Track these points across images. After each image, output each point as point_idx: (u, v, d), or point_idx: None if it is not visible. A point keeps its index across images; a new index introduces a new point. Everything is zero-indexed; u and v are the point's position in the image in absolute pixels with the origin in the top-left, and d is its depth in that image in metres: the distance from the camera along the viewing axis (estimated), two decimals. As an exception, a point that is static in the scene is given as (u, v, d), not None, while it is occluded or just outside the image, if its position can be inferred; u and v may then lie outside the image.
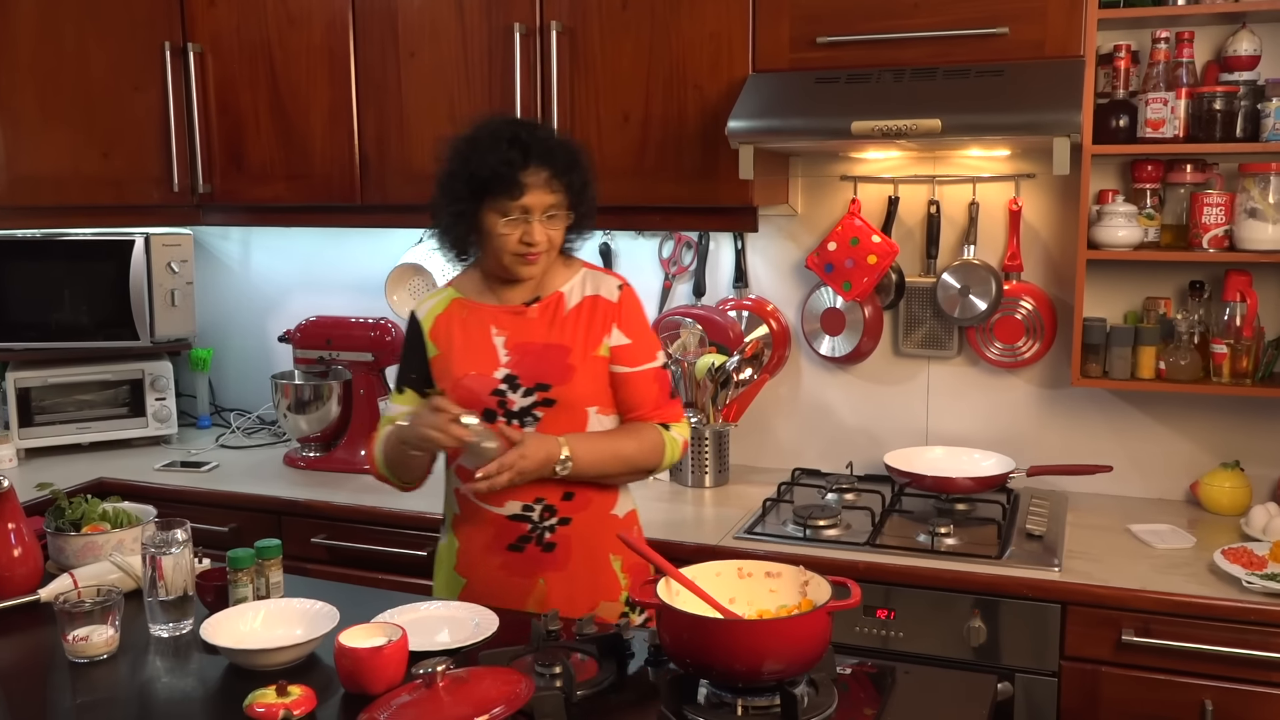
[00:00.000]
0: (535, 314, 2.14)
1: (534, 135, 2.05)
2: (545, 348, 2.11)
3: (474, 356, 2.12)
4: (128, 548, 2.15)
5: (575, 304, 2.15)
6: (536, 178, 2.02)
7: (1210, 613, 2.20)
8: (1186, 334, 2.65)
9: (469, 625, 1.92)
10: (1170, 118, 2.53)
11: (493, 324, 2.14)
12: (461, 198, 2.05)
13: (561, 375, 2.10)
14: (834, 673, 1.71)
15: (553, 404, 2.09)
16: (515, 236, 2.05)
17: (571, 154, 2.09)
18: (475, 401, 2.07)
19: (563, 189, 2.06)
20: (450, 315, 2.17)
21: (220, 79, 3.21)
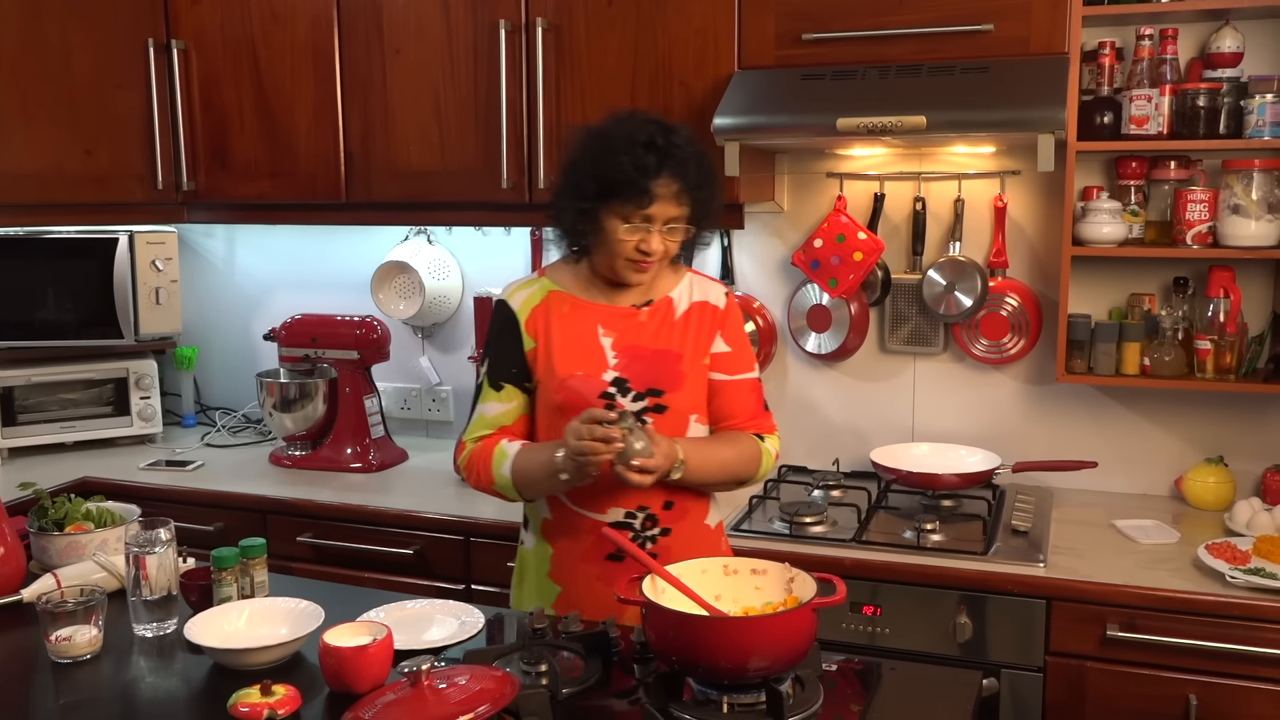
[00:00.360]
0: (646, 317, 2.09)
1: (670, 142, 1.96)
2: (656, 353, 2.07)
3: (579, 355, 2.05)
4: (111, 547, 2.14)
5: (684, 310, 2.11)
6: (667, 189, 1.95)
7: (1194, 608, 2.21)
8: (1171, 330, 2.66)
9: (454, 623, 1.92)
10: (1154, 114, 2.54)
11: (600, 323, 2.07)
12: (587, 195, 1.98)
13: (674, 381, 2.07)
14: (820, 669, 1.71)
15: (663, 410, 2.05)
16: (633, 243, 1.98)
17: (706, 168, 2.01)
18: (581, 403, 2.01)
19: (690, 203, 1.99)
20: (548, 308, 2.09)
21: (204, 76, 3.20)
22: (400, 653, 1.72)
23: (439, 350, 3.53)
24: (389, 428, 3.33)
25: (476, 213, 3.04)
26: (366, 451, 3.20)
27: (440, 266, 3.38)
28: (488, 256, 3.40)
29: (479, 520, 2.73)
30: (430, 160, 2.98)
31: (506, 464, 2.04)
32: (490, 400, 2.11)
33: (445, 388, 3.52)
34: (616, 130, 1.99)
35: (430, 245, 3.42)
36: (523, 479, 2.03)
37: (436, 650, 1.80)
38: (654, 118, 2.01)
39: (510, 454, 2.04)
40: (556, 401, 2.04)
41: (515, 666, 1.69)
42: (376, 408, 3.27)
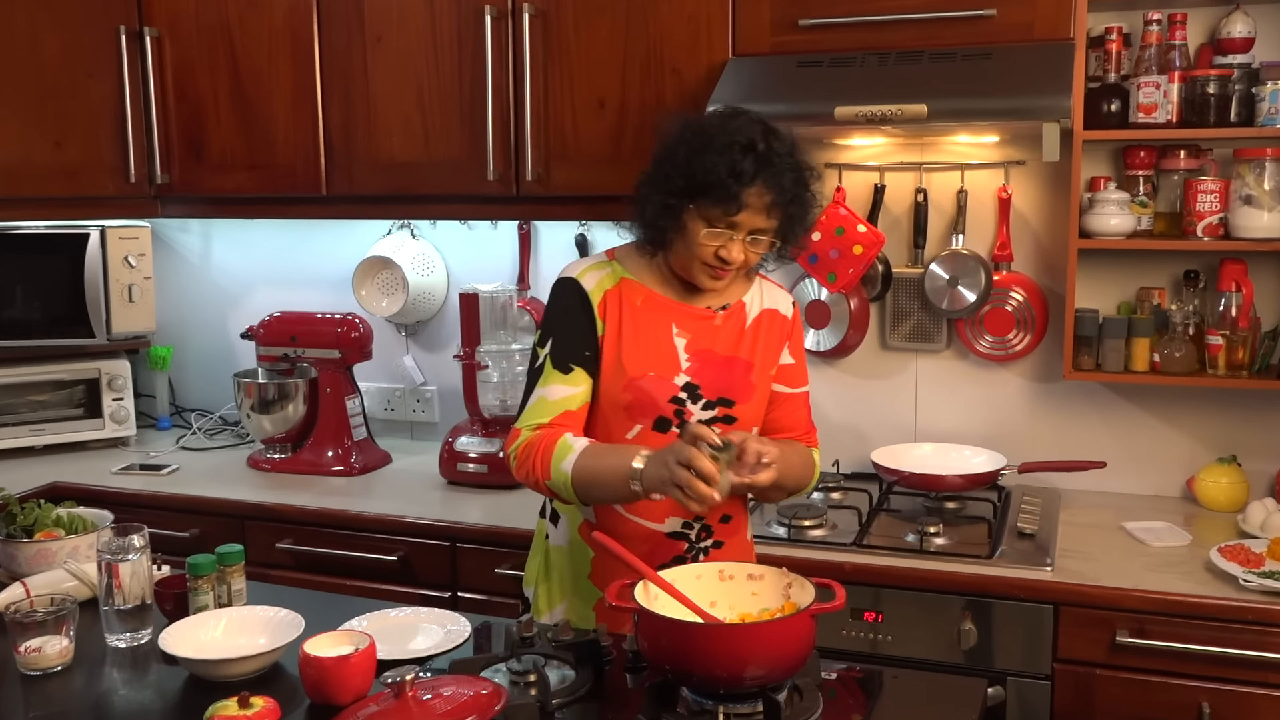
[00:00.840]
0: (721, 321, 2.05)
1: (771, 148, 1.89)
2: (729, 361, 2.03)
3: (652, 354, 2.00)
4: (83, 554, 2.14)
5: (754, 317, 2.08)
6: (759, 199, 1.88)
7: (1207, 612, 2.21)
8: (1181, 325, 2.67)
9: (440, 632, 1.92)
10: (1163, 102, 2.55)
11: (674, 322, 2.02)
12: (674, 190, 1.91)
13: (744, 392, 2.04)
14: (819, 678, 1.72)
15: (733, 421, 2.02)
16: (713, 248, 1.92)
17: (803, 181, 1.94)
18: (650, 407, 1.98)
19: (780, 216, 1.92)
20: (620, 296, 2.02)
21: (178, 64, 3.19)
22: (384, 663, 1.72)
23: (423, 349, 3.52)
24: (371, 430, 3.33)
25: (462, 205, 3.04)
26: (348, 454, 3.19)
27: (424, 262, 3.38)
28: (474, 251, 3.40)
29: (465, 525, 2.73)
30: (414, 151, 2.98)
31: (570, 459, 1.90)
32: (555, 383, 1.99)
33: (430, 388, 3.52)
34: (717, 128, 1.92)
35: (414, 239, 3.42)
36: (586, 480, 1.89)
37: (421, 660, 1.80)
38: (759, 119, 1.94)
39: (576, 449, 1.91)
40: (624, 401, 1.98)
41: (503, 676, 1.69)
42: (358, 409, 3.26)
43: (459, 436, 3.04)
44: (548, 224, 3.28)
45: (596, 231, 3.24)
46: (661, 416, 1.99)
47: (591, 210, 2.92)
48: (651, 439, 1.98)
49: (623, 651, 1.79)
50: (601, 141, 2.80)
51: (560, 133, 2.84)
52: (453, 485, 3.03)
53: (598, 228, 3.23)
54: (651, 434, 1.99)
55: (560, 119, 2.83)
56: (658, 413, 1.99)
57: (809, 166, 1.97)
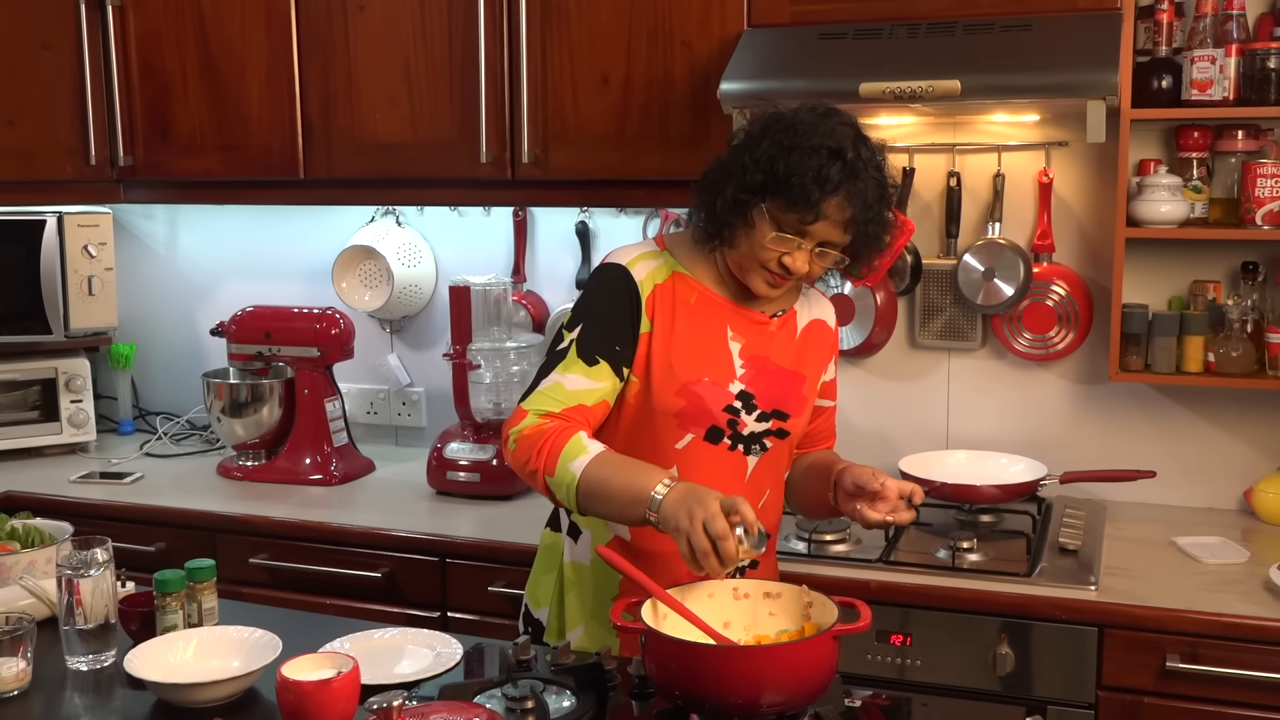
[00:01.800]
0: (776, 328, 2.07)
1: (860, 158, 1.89)
2: (784, 372, 2.06)
3: (706, 358, 2.00)
4: (40, 570, 2.15)
5: (804, 326, 2.11)
6: (839, 211, 1.89)
7: (1265, 635, 2.22)
8: (1238, 322, 2.67)
9: (428, 655, 1.93)
10: (1219, 78, 2.55)
11: (729, 324, 2.03)
12: (750, 186, 1.90)
13: (798, 405, 2.07)
14: (842, 705, 1.72)
15: (785, 435, 2.06)
16: (776, 255, 1.92)
17: (886, 198, 1.95)
18: (703, 415, 1.98)
19: (855, 233, 1.93)
20: (673, 292, 2.01)
21: (142, 35, 3.20)
22: (368, 688, 1.72)
23: (410, 347, 3.53)
24: (353, 435, 3.34)
25: (452, 190, 3.04)
26: (328, 462, 3.21)
27: (411, 251, 3.39)
28: (464, 240, 3.41)
29: (455, 539, 2.74)
30: (399, 131, 2.99)
31: (582, 461, 1.86)
32: (575, 372, 1.96)
33: (417, 389, 3.53)
34: (808, 126, 1.90)
35: (399, 227, 3.43)
36: (595, 490, 1.85)
37: (408, 685, 1.81)
38: (852, 123, 1.94)
39: (590, 452, 1.87)
40: (676, 408, 1.98)
41: (498, 703, 1.70)
42: (339, 412, 3.27)
43: (448, 443, 3.05)
44: (545, 211, 3.29)
45: (598, 219, 3.25)
46: (714, 426, 1.99)
47: (593, 196, 2.92)
48: (703, 450, 1.99)
49: (628, 676, 1.80)
50: (604, 120, 2.81)
51: (559, 111, 2.85)
52: (442, 496, 3.04)
53: (600, 215, 3.24)
54: (703, 444, 2.00)
55: (559, 96, 2.84)
56: (711, 421, 1.99)
57: (894, 183, 1.99)
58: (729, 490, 1.86)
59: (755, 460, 2.05)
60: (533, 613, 2.20)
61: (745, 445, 2.03)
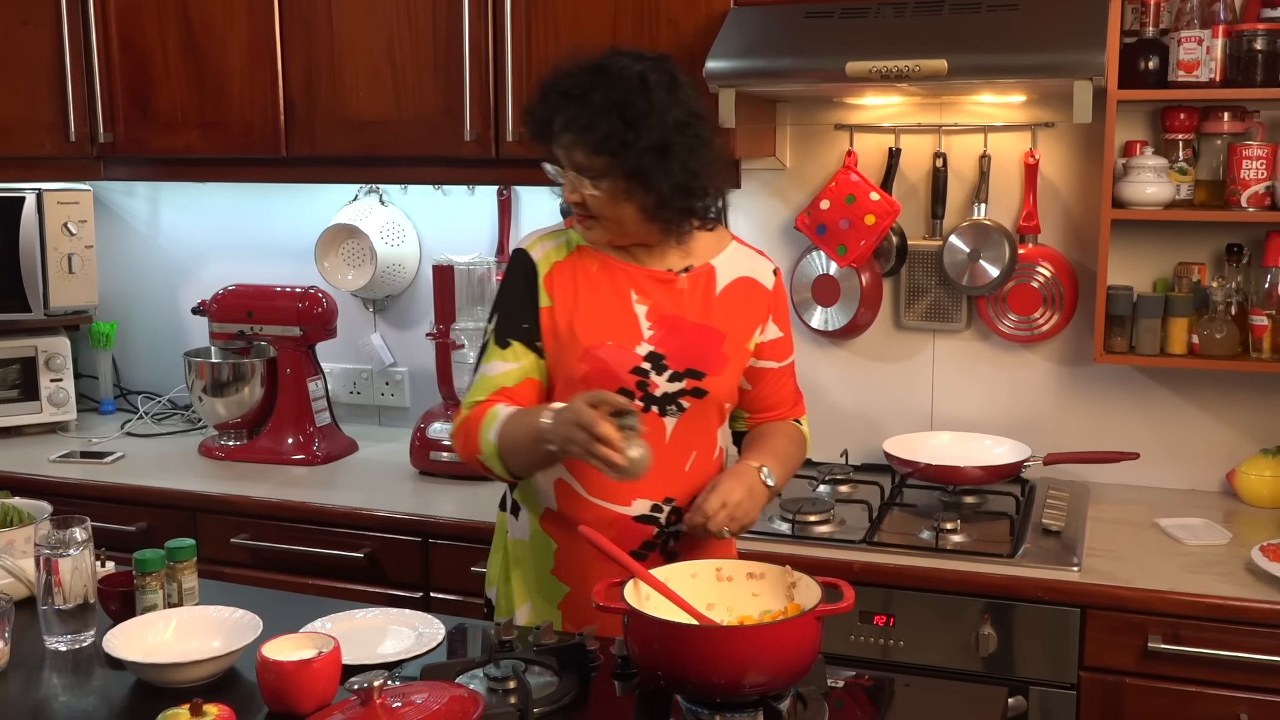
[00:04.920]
0: (686, 285, 2.08)
1: (599, 73, 1.95)
2: (698, 329, 2.06)
3: (609, 323, 2.04)
4: (19, 549, 2.14)
5: (727, 283, 2.11)
6: (560, 124, 1.98)
7: (1247, 616, 2.23)
8: (1223, 304, 2.68)
9: (411, 635, 1.92)
10: (1206, 59, 2.55)
11: (633, 288, 2.07)
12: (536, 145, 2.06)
13: (717, 364, 2.06)
14: (825, 686, 1.73)
15: (703, 395, 2.05)
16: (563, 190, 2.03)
17: (622, 111, 1.92)
18: (610, 378, 2.01)
19: (583, 149, 1.95)
20: (574, 265, 2.08)
21: (123, 10, 3.17)
22: (349, 668, 1.72)
23: (393, 326, 3.52)
24: (336, 415, 3.33)
25: (435, 169, 3.03)
26: (310, 441, 3.20)
27: (394, 230, 3.38)
28: (448, 219, 3.40)
29: (438, 519, 2.74)
30: (383, 109, 2.97)
31: (495, 427, 1.99)
32: (494, 359, 2.08)
33: (400, 369, 3.52)
34: (549, 75, 2.02)
35: (383, 206, 3.41)
36: (508, 446, 1.97)
37: (390, 665, 1.81)
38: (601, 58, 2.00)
39: (501, 417, 1.99)
40: (580, 373, 2.02)
41: (480, 683, 1.70)
42: (321, 392, 3.26)
43: (431, 423, 3.04)
44: (530, 189, 3.27)
45: (584, 198, 3.23)
46: (623, 388, 2.01)
47: (578, 174, 2.91)
48: None
49: (611, 656, 1.80)
50: (590, 99, 2.80)
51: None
52: (425, 476, 3.04)
53: (585, 194, 3.22)
54: None
55: (545, 73, 2.81)
56: (618, 384, 2.01)
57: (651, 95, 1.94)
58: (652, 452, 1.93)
59: (673, 421, 2.05)
60: (486, 591, 2.25)
61: (660, 406, 2.04)
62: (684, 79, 2.03)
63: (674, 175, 1.96)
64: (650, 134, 1.93)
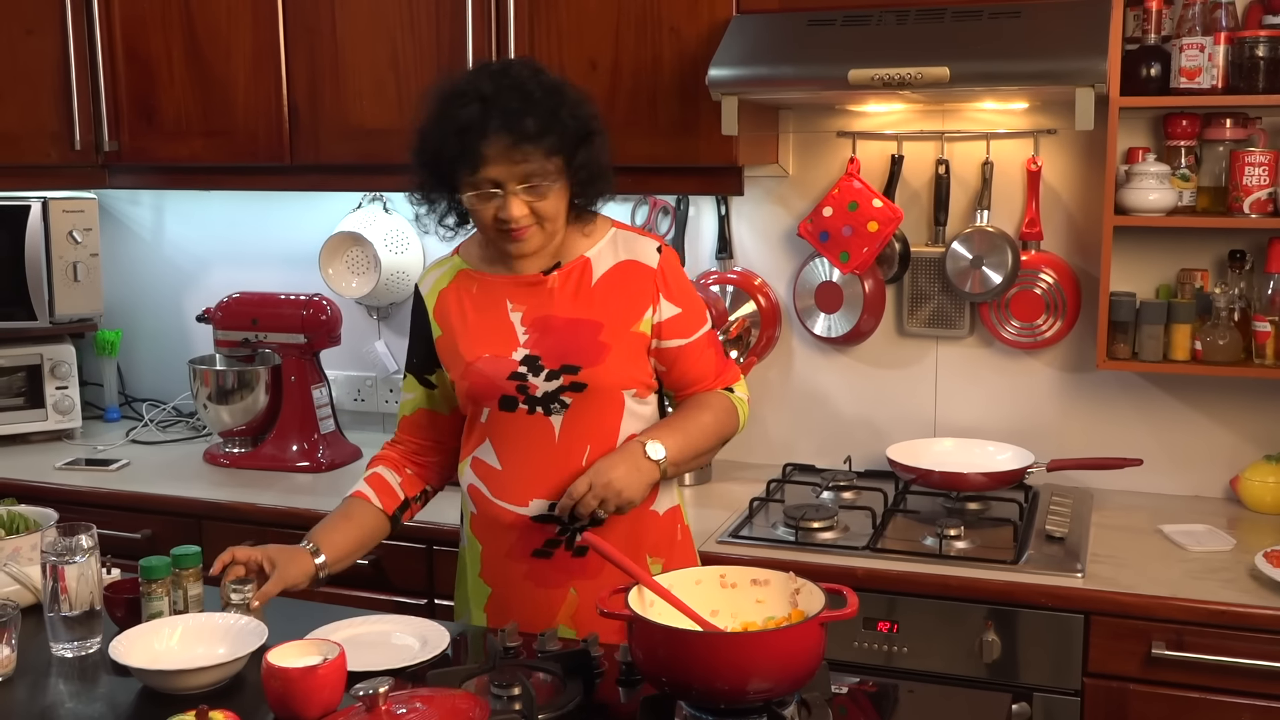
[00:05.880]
0: (556, 283, 2.09)
1: (500, 88, 1.93)
2: (571, 323, 2.07)
3: (487, 336, 2.08)
4: (25, 556, 2.14)
5: (605, 271, 2.10)
6: (496, 147, 1.92)
7: (1250, 623, 2.23)
8: (1226, 310, 2.68)
9: (416, 642, 1.93)
10: (1208, 66, 2.55)
11: (507, 298, 2.09)
12: (428, 169, 2.01)
13: (593, 355, 2.06)
14: (829, 692, 1.73)
15: (582, 388, 2.05)
16: (490, 212, 1.98)
17: (554, 105, 1.96)
18: (491, 389, 2.06)
19: (540, 155, 1.94)
20: (459, 289, 2.13)
21: (127, 19, 3.18)
22: (354, 675, 1.72)
23: (397, 334, 3.53)
24: (340, 422, 3.33)
25: (439, 177, 3.04)
26: (314, 449, 3.20)
27: (398, 238, 3.38)
28: (452, 227, 3.40)
29: (443, 527, 2.73)
30: (387, 117, 2.98)
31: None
32: (402, 391, 2.25)
33: (404, 376, 3.52)
34: (443, 89, 1.99)
35: (386, 214, 3.42)
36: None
37: (396, 672, 1.81)
38: (499, 65, 2.02)
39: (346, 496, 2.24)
40: (464, 388, 2.09)
41: (484, 690, 1.70)
42: (326, 399, 3.27)
43: (436, 429, 3.04)
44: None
45: (587, 205, 3.24)
46: (505, 395, 2.06)
47: (582, 182, 2.92)
48: (503, 420, 2.08)
49: (615, 663, 1.81)
50: (593, 107, 2.80)
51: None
52: (429, 483, 3.03)
53: (588, 201, 3.23)
54: (501, 414, 2.07)
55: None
56: (499, 392, 2.06)
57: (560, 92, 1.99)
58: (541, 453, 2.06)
59: (559, 419, 2.06)
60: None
61: (543, 407, 2.06)
62: None
63: (599, 162, 2.03)
64: (581, 124, 2.00)
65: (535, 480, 2.06)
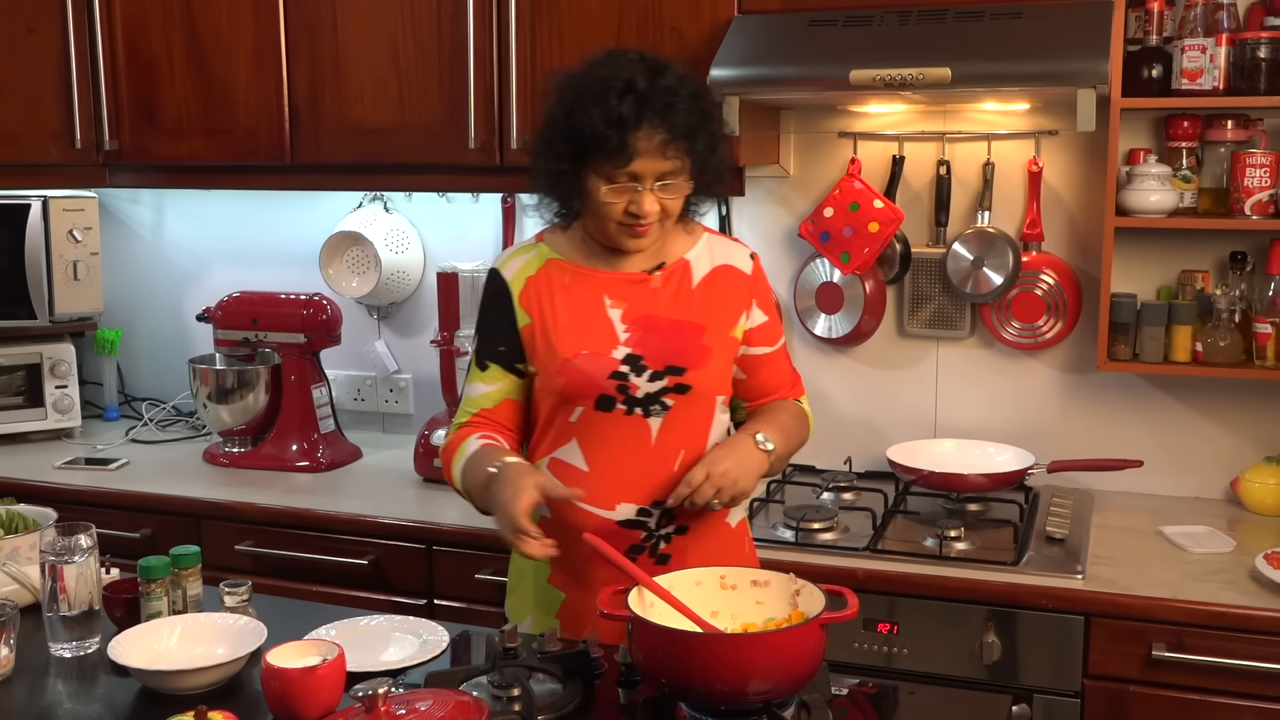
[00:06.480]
0: (659, 283, 2.07)
1: (654, 84, 1.91)
2: (674, 324, 2.04)
3: (584, 332, 2.03)
4: (24, 556, 2.14)
5: (704, 275, 2.09)
6: (649, 142, 1.90)
7: (1251, 624, 2.23)
8: (1226, 311, 2.67)
9: (415, 642, 1.93)
10: (1209, 67, 2.55)
11: (605, 293, 2.05)
12: (561, 156, 1.96)
13: (697, 357, 2.04)
14: (829, 694, 1.73)
15: (686, 390, 2.03)
16: (621, 205, 1.95)
17: (699, 110, 1.96)
18: (590, 387, 2.01)
19: (683, 154, 1.94)
20: (548, 278, 2.07)
21: (128, 18, 3.18)
22: (353, 675, 1.72)
23: (397, 333, 3.52)
24: (340, 422, 3.33)
25: (440, 176, 3.03)
26: (314, 448, 3.20)
27: (398, 237, 3.38)
28: (453, 226, 3.40)
29: (442, 526, 2.74)
30: (387, 116, 2.98)
31: (461, 465, 2.04)
32: (475, 380, 2.11)
33: (404, 376, 3.52)
34: (589, 76, 1.95)
35: (387, 213, 3.42)
36: (470, 486, 2.03)
37: (395, 672, 1.81)
38: (639, 56, 1.98)
39: (467, 454, 2.03)
40: (559, 385, 2.02)
41: (484, 691, 1.70)
42: (326, 399, 3.27)
43: (436, 430, 3.04)
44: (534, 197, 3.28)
45: (588, 205, 3.24)
46: (603, 395, 2.01)
47: (582, 182, 2.92)
48: (597, 420, 2.03)
49: (615, 664, 1.80)
50: (594, 107, 2.80)
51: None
52: (429, 483, 3.03)
53: (589, 201, 3.23)
54: (596, 414, 2.02)
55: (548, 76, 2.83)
56: (598, 391, 2.01)
57: (705, 94, 2.01)
58: (635, 455, 2.00)
59: (658, 422, 2.03)
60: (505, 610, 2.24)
61: (643, 408, 2.02)
62: None
63: (720, 165, 2.03)
64: (719, 130, 2.01)
65: (625, 483, 2.02)
